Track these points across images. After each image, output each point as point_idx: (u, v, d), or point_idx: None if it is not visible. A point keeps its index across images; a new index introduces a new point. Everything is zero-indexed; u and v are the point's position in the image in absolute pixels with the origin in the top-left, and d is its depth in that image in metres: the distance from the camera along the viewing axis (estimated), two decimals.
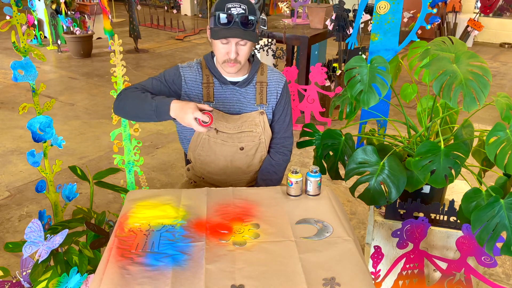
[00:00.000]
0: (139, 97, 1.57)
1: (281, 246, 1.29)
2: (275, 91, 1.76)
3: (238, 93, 1.72)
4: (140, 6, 7.29)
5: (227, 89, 1.71)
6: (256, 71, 1.74)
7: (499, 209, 1.36)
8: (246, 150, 1.75)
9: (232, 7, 1.54)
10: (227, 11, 1.54)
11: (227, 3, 1.54)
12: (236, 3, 1.54)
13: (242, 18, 1.54)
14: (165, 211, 1.46)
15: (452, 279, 1.66)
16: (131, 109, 1.59)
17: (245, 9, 1.55)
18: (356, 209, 2.84)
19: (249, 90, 1.73)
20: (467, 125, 1.54)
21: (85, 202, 2.79)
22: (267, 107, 1.75)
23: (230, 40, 1.57)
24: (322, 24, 4.31)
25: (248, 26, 1.56)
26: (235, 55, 1.59)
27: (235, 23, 1.54)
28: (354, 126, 3.48)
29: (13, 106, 4.56)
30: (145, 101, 1.55)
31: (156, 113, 1.53)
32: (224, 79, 1.70)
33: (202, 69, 1.71)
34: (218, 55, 1.63)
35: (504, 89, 5.43)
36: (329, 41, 5.03)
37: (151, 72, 5.87)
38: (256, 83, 1.73)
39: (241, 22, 1.54)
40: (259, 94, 1.73)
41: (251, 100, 1.73)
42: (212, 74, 1.71)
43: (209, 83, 1.70)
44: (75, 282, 1.47)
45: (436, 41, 1.60)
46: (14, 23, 1.69)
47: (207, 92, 1.69)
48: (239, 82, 1.71)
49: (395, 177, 1.51)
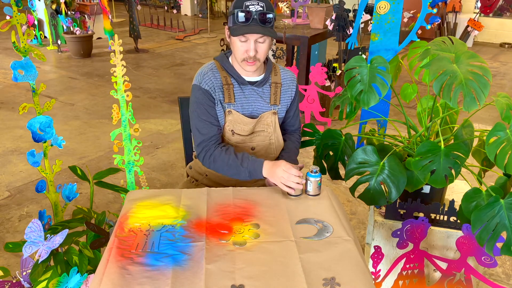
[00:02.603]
0: (229, 165, 1.65)
1: (281, 246, 1.29)
2: (290, 90, 1.78)
3: (256, 93, 1.73)
4: (140, 6, 7.29)
5: (245, 89, 1.72)
6: (270, 71, 1.75)
7: (499, 209, 1.36)
8: (257, 151, 1.76)
9: (251, 5, 1.55)
10: (245, 8, 1.55)
11: (245, 1, 1.55)
12: (254, 0, 1.56)
13: (260, 15, 1.55)
14: (165, 211, 1.46)
15: (452, 279, 1.66)
16: (225, 173, 1.69)
17: (263, 6, 1.56)
18: (356, 209, 2.84)
19: (265, 90, 1.74)
20: (467, 125, 1.54)
21: (85, 202, 2.79)
22: (280, 108, 1.77)
23: (248, 37, 1.58)
24: (322, 24, 4.31)
25: (267, 23, 1.57)
26: (254, 52, 1.59)
27: (253, 20, 1.55)
28: (354, 126, 3.48)
29: (13, 106, 4.56)
30: (237, 169, 1.64)
31: (250, 177, 1.65)
32: (243, 79, 1.70)
33: (219, 71, 1.71)
34: (237, 53, 1.63)
35: (504, 89, 5.43)
36: (329, 41, 5.04)
37: (151, 72, 5.87)
38: (271, 84, 1.75)
39: (259, 19, 1.56)
40: (273, 94, 1.74)
41: (266, 100, 1.74)
42: (230, 75, 1.71)
43: (228, 84, 1.70)
44: (75, 282, 1.47)
45: (436, 41, 1.60)
46: (14, 23, 1.69)
47: (228, 93, 1.69)
48: (257, 82, 1.72)
49: (395, 177, 1.51)
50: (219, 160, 1.67)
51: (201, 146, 1.70)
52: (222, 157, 1.66)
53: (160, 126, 4.15)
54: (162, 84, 5.43)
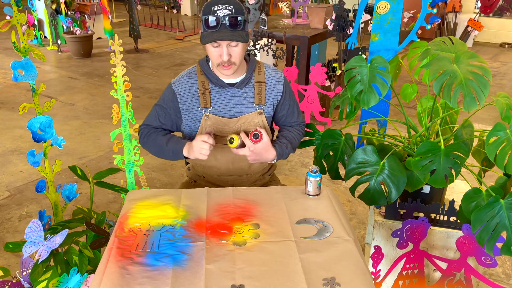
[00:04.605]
0: (157, 145, 1.74)
1: (281, 246, 1.29)
2: (275, 88, 1.75)
3: (238, 94, 1.71)
4: (140, 6, 7.29)
5: (225, 92, 1.70)
6: (253, 70, 1.73)
7: (499, 209, 1.36)
8: None
9: (218, 10, 1.53)
10: (213, 14, 1.53)
11: (213, 6, 1.54)
12: (222, 5, 1.53)
13: (229, 19, 1.53)
14: (165, 211, 1.46)
15: (452, 279, 1.66)
16: (155, 154, 1.78)
17: (232, 9, 1.54)
18: (356, 209, 2.84)
19: (248, 90, 1.72)
20: (467, 125, 1.54)
21: (85, 202, 2.79)
22: (266, 107, 1.75)
23: (220, 43, 1.56)
24: (322, 24, 4.31)
25: (237, 27, 1.55)
26: (227, 57, 1.57)
27: (222, 25, 1.53)
28: (354, 126, 3.48)
29: (13, 106, 4.56)
30: (162, 148, 1.73)
31: (174, 157, 1.72)
32: (222, 82, 1.69)
33: (197, 76, 1.71)
34: (212, 59, 1.62)
35: (504, 89, 5.43)
36: (329, 41, 5.04)
37: (151, 72, 5.87)
38: (254, 83, 1.73)
39: (229, 24, 1.53)
40: (257, 94, 1.72)
41: (250, 100, 1.72)
42: (208, 79, 1.70)
43: (205, 89, 1.69)
44: (75, 282, 1.47)
45: (436, 41, 1.60)
46: (14, 23, 1.68)
47: (203, 98, 1.69)
48: (237, 83, 1.70)
49: (395, 177, 1.51)
50: (150, 140, 1.75)
51: (142, 126, 1.81)
52: (153, 137, 1.75)
53: None
54: (162, 84, 5.43)
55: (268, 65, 1.79)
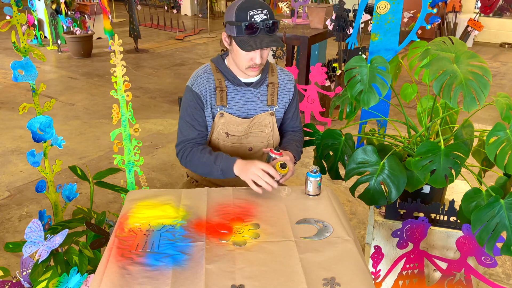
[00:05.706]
0: (203, 163, 1.65)
1: (281, 246, 1.29)
2: (287, 90, 1.77)
3: (252, 94, 1.72)
4: (140, 6, 7.29)
5: (241, 90, 1.71)
6: (267, 71, 1.74)
7: (499, 209, 1.36)
8: (254, 152, 1.76)
9: (255, 15, 1.51)
10: (250, 19, 1.51)
11: (249, 11, 1.51)
12: (257, 9, 1.51)
13: (267, 24, 1.52)
14: (165, 211, 1.46)
15: (452, 279, 1.66)
16: (200, 172, 1.69)
17: (267, 13, 1.53)
18: (356, 209, 2.84)
19: (262, 91, 1.73)
20: (467, 125, 1.54)
21: (85, 202, 2.79)
22: (278, 108, 1.76)
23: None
24: (322, 24, 4.31)
25: (274, 31, 1.55)
26: (260, 60, 1.58)
27: (261, 31, 1.53)
28: (354, 126, 3.48)
29: (13, 106, 4.56)
30: (210, 167, 1.63)
31: (223, 175, 1.62)
32: (239, 81, 1.70)
33: (213, 73, 1.70)
34: (241, 61, 1.60)
35: (504, 89, 5.43)
36: (329, 41, 5.04)
37: (151, 72, 5.87)
38: (268, 84, 1.74)
39: (267, 30, 1.53)
40: (270, 95, 1.73)
41: (263, 100, 1.73)
42: (224, 77, 1.70)
43: (222, 86, 1.69)
44: (75, 282, 1.47)
45: (436, 41, 1.60)
46: (14, 23, 1.68)
47: (220, 96, 1.68)
48: (253, 83, 1.71)
49: (395, 177, 1.51)
50: (195, 159, 1.67)
51: (180, 146, 1.73)
52: (198, 156, 1.66)
53: (160, 126, 4.15)
54: (162, 84, 5.43)
55: (279, 67, 1.81)
